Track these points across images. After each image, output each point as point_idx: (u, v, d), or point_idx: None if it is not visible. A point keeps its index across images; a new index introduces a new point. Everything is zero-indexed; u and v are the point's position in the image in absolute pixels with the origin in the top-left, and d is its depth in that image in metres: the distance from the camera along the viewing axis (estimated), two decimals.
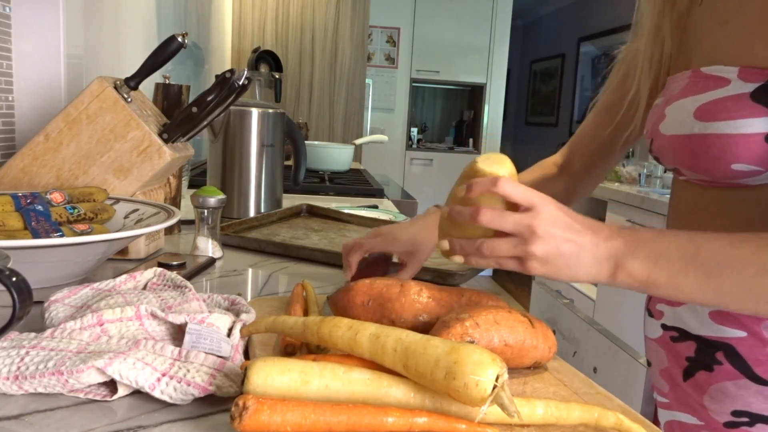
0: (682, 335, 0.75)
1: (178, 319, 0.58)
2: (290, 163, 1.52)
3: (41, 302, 0.61)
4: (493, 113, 5.52)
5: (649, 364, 0.84)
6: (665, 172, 3.12)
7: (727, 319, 0.70)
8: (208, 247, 1.00)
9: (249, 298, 0.83)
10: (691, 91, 0.68)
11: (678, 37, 0.78)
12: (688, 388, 0.75)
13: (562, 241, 0.57)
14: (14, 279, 0.44)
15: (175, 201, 1.15)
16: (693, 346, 0.74)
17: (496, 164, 0.61)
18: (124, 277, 0.69)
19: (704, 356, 0.72)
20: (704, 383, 0.72)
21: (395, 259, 0.88)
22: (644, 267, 0.57)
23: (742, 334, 0.69)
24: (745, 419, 0.69)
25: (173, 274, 0.70)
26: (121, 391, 0.51)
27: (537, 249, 0.56)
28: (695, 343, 0.73)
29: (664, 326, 0.78)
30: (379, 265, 0.86)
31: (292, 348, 0.59)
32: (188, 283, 0.68)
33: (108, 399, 0.51)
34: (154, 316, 0.58)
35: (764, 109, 0.62)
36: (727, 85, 0.64)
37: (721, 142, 0.64)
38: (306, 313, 0.70)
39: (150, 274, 0.71)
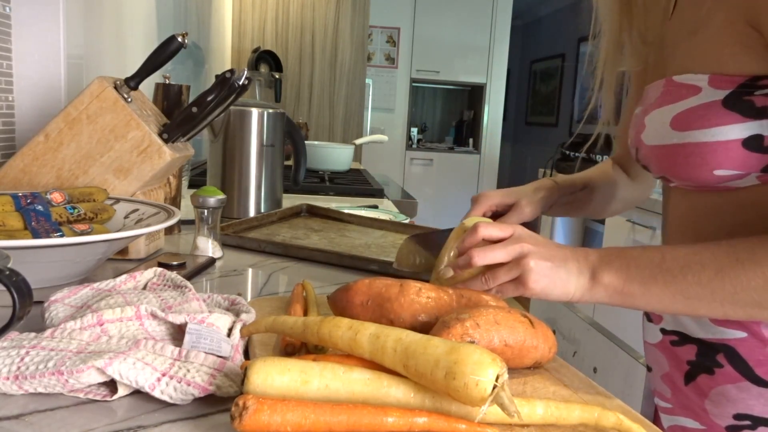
0: (683, 339, 0.75)
1: (178, 319, 0.58)
2: (290, 163, 1.52)
3: (41, 302, 0.61)
4: (493, 113, 5.52)
5: (649, 369, 0.84)
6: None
7: (728, 322, 0.69)
8: (208, 247, 1.00)
9: (249, 298, 0.83)
10: (666, 99, 0.69)
11: (647, 51, 0.80)
12: (690, 393, 0.74)
13: (551, 251, 0.63)
14: (14, 279, 0.44)
15: (175, 201, 1.15)
16: (694, 350, 0.73)
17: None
18: (124, 277, 0.69)
19: (705, 359, 0.72)
20: (705, 387, 0.72)
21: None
22: (618, 277, 0.61)
23: (742, 334, 0.69)
24: (747, 422, 0.69)
25: (173, 274, 0.70)
26: (121, 391, 0.51)
27: (531, 262, 0.62)
28: (696, 346, 0.73)
29: (663, 330, 0.78)
30: None
31: (292, 348, 0.59)
32: (188, 283, 0.68)
33: (108, 399, 0.51)
34: (154, 316, 0.58)
35: (736, 116, 0.62)
36: (699, 93, 0.65)
37: (700, 150, 0.65)
38: (306, 313, 0.70)
39: (150, 274, 0.71)
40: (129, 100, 0.96)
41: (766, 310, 0.58)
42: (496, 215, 0.85)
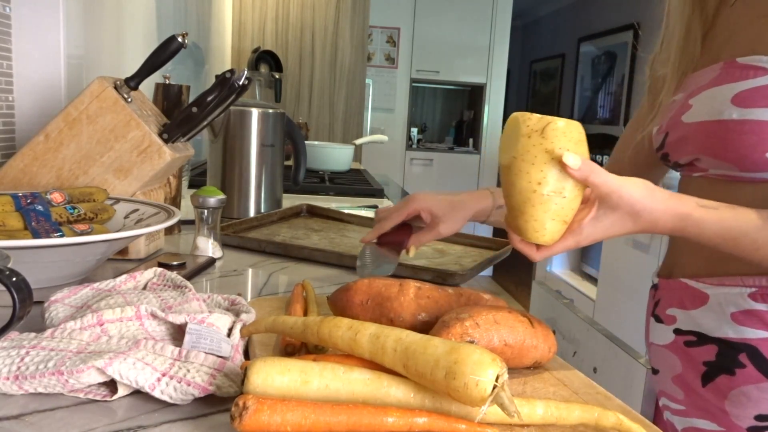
0: (701, 339, 0.73)
1: (178, 319, 0.58)
2: (290, 163, 1.52)
3: (41, 302, 0.61)
4: (493, 113, 5.52)
5: (654, 371, 0.82)
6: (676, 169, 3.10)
7: (751, 318, 0.68)
8: (208, 247, 1.00)
9: (249, 298, 0.83)
10: (725, 79, 0.68)
11: (700, 40, 0.78)
12: (707, 394, 0.73)
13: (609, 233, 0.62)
14: (14, 279, 0.44)
15: (175, 201, 1.15)
16: (713, 350, 0.72)
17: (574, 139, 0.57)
18: (124, 277, 0.69)
19: (726, 360, 0.70)
20: (725, 388, 0.71)
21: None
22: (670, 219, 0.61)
23: (765, 334, 0.67)
24: None
25: (173, 274, 0.70)
26: (121, 391, 0.51)
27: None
28: (716, 346, 0.71)
29: (678, 331, 0.76)
30: (404, 230, 0.87)
31: (292, 348, 0.59)
32: (188, 283, 0.68)
33: (108, 399, 0.51)
34: (154, 316, 0.58)
35: None
36: (766, 75, 0.64)
37: (760, 128, 0.64)
38: (306, 313, 0.70)
39: (150, 274, 0.71)
40: (129, 100, 0.96)
41: None
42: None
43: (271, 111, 1.39)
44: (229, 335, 0.59)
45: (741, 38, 0.71)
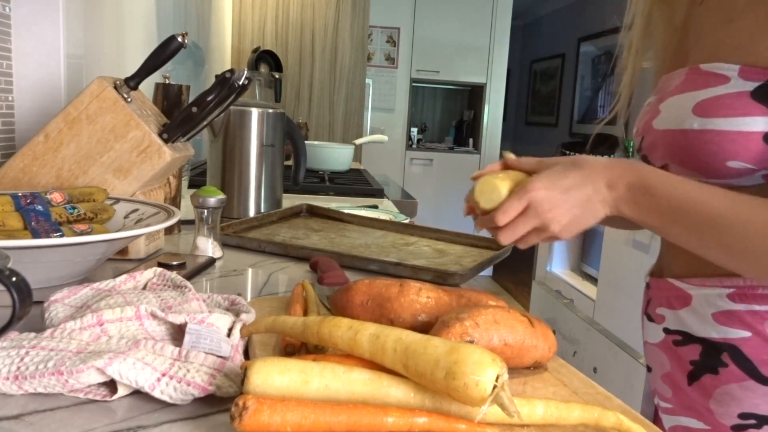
0: (686, 338, 0.74)
1: (178, 319, 0.58)
2: (290, 163, 1.52)
3: (41, 302, 0.61)
4: (493, 113, 5.52)
5: (648, 369, 0.83)
6: None
7: (731, 319, 0.69)
8: (208, 247, 1.00)
9: (249, 298, 0.83)
10: (689, 86, 0.68)
11: (671, 35, 0.78)
12: (693, 393, 0.74)
13: (568, 204, 0.64)
14: (14, 279, 0.44)
15: (175, 201, 1.15)
16: (698, 349, 0.73)
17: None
18: (124, 277, 0.69)
19: (710, 359, 0.71)
20: (710, 387, 0.72)
21: None
22: (635, 212, 0.64)
23: (746, 334, 0.68)
24: (753, 421, 0.69)
25: (173, 274, 0.70)
26: (121, 391, 0.51)
27: (555, 225, 0.64)
28: (701, 345, 0.72)
29: (666, 330, 0.77)
30: (336, 271, 0.88)
31: (292, 348, 0.59)
32: (188, 283, 0.68)
33: (108, 399, 0.51)
34: (154, 316, 0.58)
35: (764, 108, 0.62)
36: (728, 83, 0.64)
37: (720, 138, 0.64)
38: (306, 313, 0.70)
39: (150, 274, 0.71)
40: (129, 100, 0.96)
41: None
42: None
43: (271, 111, 1.39)
44: (229, 335, 0.59)
45: (706, 43, 0.71)
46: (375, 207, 1.65)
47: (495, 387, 0.43)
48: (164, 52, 0.96)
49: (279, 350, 0.60)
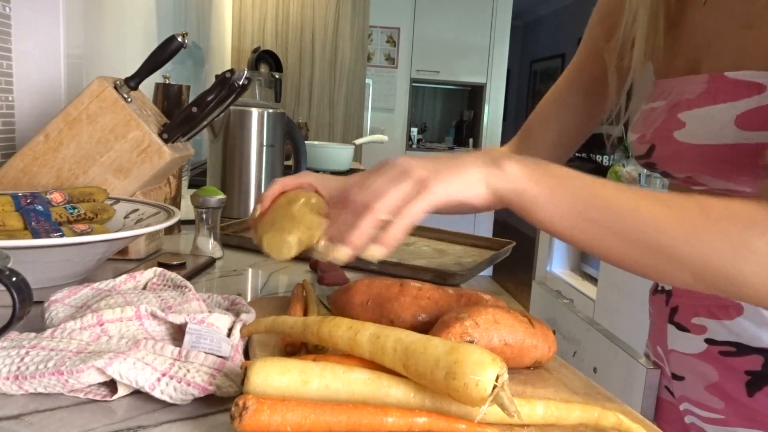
0: (741, 349, 0.70)
1: (178, 319, 0.58)
2: (290, 163, 1.52)
3: (41, 302, 0.61)
4: (493, 113, 5.52)
5: (678, 377, 0.79)
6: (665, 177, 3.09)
7: None
8: (208, 247, 1.00)
9: (249, 298, 0.83)
10: (719, 97, 0.65)
11: (659, 34, 0.74)
12: (755, 404, 0.69)
13: (435, 159, 0.54)
14: (14, 279, 0.44)
15: (175, 201, 1.15)
16: (760, 360, 0.68)
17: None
18: (124, 277, 0.69)
19: None
20: None
21: None
22: (522, 167, 0.52)
23: None
24: None
25: (173, 274, 0.70)
26: (121, 391, 0.51)
27: (420, 169, 0.52)
28: (761, 356, 0.68)
29: (710, 341, 0.72)
30: (335, 270, 0.87)
31: (293, 348, 0.59)
32: (188, 283, 0.68)
33: (108, 399, 0.51)
34: (154, 316, 0.58)
35: None
36: (763, 92, 0.61)
37: None
38: (306, 313, 0.70)
39: (150, 274, 0.71)
40: (129, 100, 0.96)
41: (664, 261, 0.51)
42: None
43: (271, 111, 1.39)
44: (229, 335, 0.59)
45: (722, 48, 0.67)
46: None
47: (495, 387, 0.43)
48: (164, 52, 0.96)
49: (279, 350, 0.60)
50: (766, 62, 0.62)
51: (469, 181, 0.52)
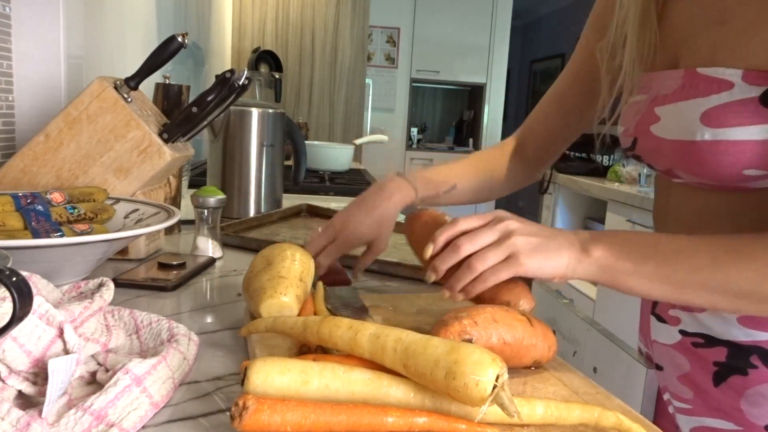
0: (709, 341, 0.72)
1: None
2: (290, 163, 1.52)
3: None
4: (493, 113, 5.52)
5: (658, 367, 0.81)
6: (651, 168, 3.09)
7: (758, 322, 0.67)
8: (208, 247, 1.00)
9: None
10: (690, 93, 0.66)
11: (644, 29, 0.74)
12: (720, 394, 0.71)
13: (536, 227, 0.62)
14: (14, 279, 0.44)
15: (175, 201, 1.15)
16: (723, 351, 0.70)
17: None
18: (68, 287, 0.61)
19: (737, 361, 0.69)
20: (739, 387, 0.69)
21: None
22: (609, 252, 0.60)
23: None
24: None
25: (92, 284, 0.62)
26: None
27: (520, 238, 0.60)
28: (726, 348, 0.70)
29: (684, 332, 0.75)
30: (335, 269, 0.86)
31: (307, 349, 0.58)
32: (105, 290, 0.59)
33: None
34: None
35: None
36: (732, 89, 0.62)
37: (734, 148, 0.62)
38: (316, 311, 0.70)
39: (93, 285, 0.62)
40: (129, 100, 0.96)
41: (753, 304, 0.59)
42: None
43: (271, 111, 1.39)
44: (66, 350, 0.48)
45: (699, 44, 0.68)
46: None
47: (495, 387, 0.43)
48: (164, 52, 0.96)
49: (295, 351, 0.58)
50: (738, 59, 0.62)
51: (557, 265, 0.61)
